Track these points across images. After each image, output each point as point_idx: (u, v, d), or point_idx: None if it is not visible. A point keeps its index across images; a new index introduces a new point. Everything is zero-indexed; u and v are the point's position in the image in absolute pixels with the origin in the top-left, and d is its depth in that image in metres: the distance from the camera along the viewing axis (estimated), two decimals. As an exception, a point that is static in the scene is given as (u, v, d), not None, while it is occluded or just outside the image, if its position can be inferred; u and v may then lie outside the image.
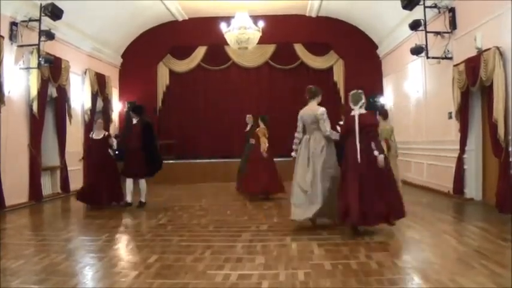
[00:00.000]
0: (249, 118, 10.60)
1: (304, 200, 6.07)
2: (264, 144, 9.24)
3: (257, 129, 9.60)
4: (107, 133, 8.89)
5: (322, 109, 6.23)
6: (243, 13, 11.32)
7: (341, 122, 7.13)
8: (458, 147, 8.45)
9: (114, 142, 8.77)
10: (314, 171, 6.06)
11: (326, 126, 6.13)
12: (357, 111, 5.92)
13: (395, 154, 8.31)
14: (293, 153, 6.56)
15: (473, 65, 7.58)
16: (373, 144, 5.70)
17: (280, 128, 14.47)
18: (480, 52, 7.40)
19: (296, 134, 6.51)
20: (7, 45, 8.31)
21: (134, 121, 8.68)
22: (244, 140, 10.65)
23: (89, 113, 11.70)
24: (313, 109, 6.30)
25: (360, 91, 6.11)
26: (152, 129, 8.74)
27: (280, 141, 13.13)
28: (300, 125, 6.45)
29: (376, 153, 5.66)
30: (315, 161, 6.10)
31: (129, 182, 8.50)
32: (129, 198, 8.47)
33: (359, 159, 5.67)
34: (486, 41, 7.32)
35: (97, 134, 8.71)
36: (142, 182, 8.49)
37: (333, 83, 14.61)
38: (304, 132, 6.40)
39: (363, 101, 5.99)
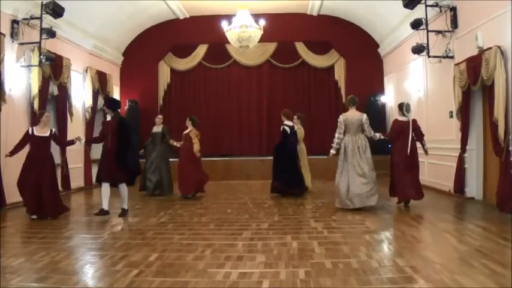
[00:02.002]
0: (159, 119, 10.28)
1: (363, 188, 7.35)
2: (197, 144, 9.23)
3: (188, 130, 9.51)
4: (53, 130, 7.55)
5: (365, 115, 7.66)
6: (244, 11, 11.31)
7: (287, 122, 9.43)
8: (459, 146, 8.45)
9: (82, 140, 7.90)
10: (367, 160, 7.50)
11: (371, 129, 7.62)
12: (410, 117, 7.74)
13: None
14: (332, 151, 7.74)
15: (474, 64, 7.57)
16: (423, 141, 7.77)
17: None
18: (481, 51, 7.39)
19: (337, 135, 7.71)
20: (8, 43, 8.32)
21: (108, 117, 7.48)
22: (145, 139, 10.49)
23: (90, 111, 11.71)
24: (357, 114, 7.67)
25: (409, 103, 8.03)
26: (128, 127, 7.48)
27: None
28: (342, 127, 7.67)
29: (426, 146, 7.79)
30: (362, 153, 7.47)
31: (105, 187, 7.33)
32: (105, 205, 7.32)
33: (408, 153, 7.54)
34: (487, 40, 7.32)
35: (41, 131, 7.28)
36: (123, 187, 7.36)
37: (334, 81, 14.61)
38: (344, 132, 7.66)
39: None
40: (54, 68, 9.60)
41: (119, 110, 7.69)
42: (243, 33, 11.14)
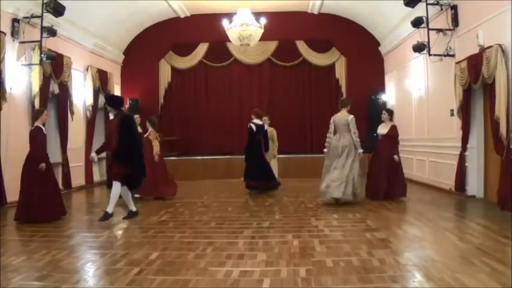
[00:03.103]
0: (137, 119, 9.58)
1: (337, 180, 7.73)
2: (157, 147, 8.88)
3: (147, 133, 9.08)
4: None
5: (351, 116, 8.06)
6: (245, 10, 11.30)
7: (255, 121, 9.70)
8: (460, 144, 8.45)
9: (96, 157, 7.40)
10: (347, 159, 7.87)
11: (355, 129, 8.00)
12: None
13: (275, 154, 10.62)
14: (325, 150, 8.26)
15: (475, 63, 7.56)
16: None
17: (283, 125, 14.60)
18: (482, 49, 7.38)
19: (328, 134, 8.26)
20: (9, 42, 8.31)
21: (111, 116, 7.06)
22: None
23: (90, 109, 11.71)
24: (345, 115, 8.11)
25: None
26: (130, 126, 6.94)
27: (283, 138, 13.14)
28: (332, 126, 8.21)
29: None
30: (345, 154, 7.88)
31: (119, 191, 6.89)
32: (132, 207, 7.08)
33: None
34: (488, 39, 7.30)
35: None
36: (115, 185, 6.80)
37: (335, 80, 14.60)
38: (335, 132, 8.14)
39: None
40: (55, 67, 9.60)
41: (122, 108, 7.21)
42: (244, 32, 11.15)
